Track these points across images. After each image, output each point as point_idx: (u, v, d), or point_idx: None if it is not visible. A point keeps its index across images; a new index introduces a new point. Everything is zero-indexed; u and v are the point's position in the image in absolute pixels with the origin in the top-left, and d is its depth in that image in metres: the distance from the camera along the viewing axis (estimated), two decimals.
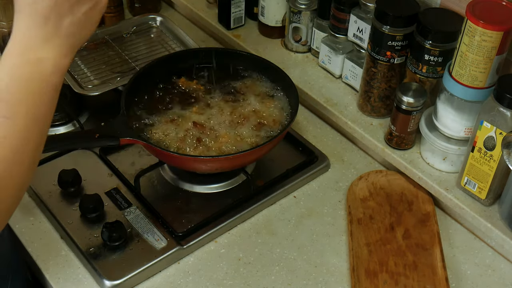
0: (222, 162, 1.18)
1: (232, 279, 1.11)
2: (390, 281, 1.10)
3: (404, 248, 1.16)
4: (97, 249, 1.12)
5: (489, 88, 1.11)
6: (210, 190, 1.25)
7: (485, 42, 1.05)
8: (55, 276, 1.10)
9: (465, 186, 1.18)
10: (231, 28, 1.59)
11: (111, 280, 1.08)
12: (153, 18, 1.59)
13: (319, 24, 1.47)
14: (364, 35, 1.33)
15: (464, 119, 1.16)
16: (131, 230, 1.15)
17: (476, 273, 1.15)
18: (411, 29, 1.22)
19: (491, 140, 1.09)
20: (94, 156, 1.30)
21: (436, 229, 1.19)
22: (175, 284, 1.11)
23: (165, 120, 1.25)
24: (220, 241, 1.18)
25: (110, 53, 1.48)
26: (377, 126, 1.34)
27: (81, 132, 1.30)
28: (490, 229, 1.15)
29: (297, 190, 1.28)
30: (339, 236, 1.20)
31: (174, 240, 1.14)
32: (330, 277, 1.13)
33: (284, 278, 1.12)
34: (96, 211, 1.16)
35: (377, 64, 1.28)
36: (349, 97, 1.41)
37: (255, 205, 1.22)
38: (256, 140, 1.22)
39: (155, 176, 1.27)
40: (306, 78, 1.46)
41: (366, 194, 1.26)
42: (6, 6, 1.41)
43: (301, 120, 1.44)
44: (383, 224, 1.20)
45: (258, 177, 1.27)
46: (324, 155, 1.33)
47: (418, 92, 1.21)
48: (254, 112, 1.28)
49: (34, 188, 1.22)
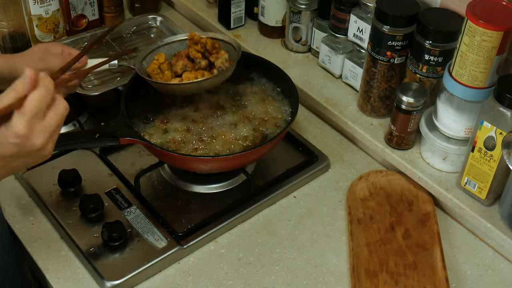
0: (222, 162, 1.18)
1: (232, 279, 1.11)
2: (390, 281, 1.10)
3: (404, 248, 1.16)
4: (97, 249, 1.12)
5: (489, 88, 1.11)
6: (210, 190, 1.25)
7: (485, 42, 1.05)
8: (55, 276, 1.10)
9: (465, 186, 1.18)
10: (231, 28, 1.59)
11: (111, 280, 1.07)
12: (153, 18, 1.59)
13: (319, 24, 1.47)
14: (364, 35, 1.33)
15: (464, 119, 1.16)
16: (131, 230, 1.15)
17: (476, 273, 1.15)
18: (411, 29, 1.22)
19: (491, 140, 1.09)
20: (94, 156, 1.30)
21: (436, 229, 1.19)
22: (175, 284, 1.11)
23: (165, 120, 1.25)
24: (220, 241, 1.18)
25: (110, 53, 1.48)
26: (377, 126, 1.34)
27: (81, 132, 1.30)
28: (490, 229, 1.15)
29: (297, 190, 1.28)
30: (339, 236, 1.20)
31: (174, 240, 1.14)
32: (330, 277, 1.13)
33: (284, 278, 1.12)
34: (96, 211, 1.16)
35: (377, 64, 1.28)
36: (349, 97, 1.41)
37: (255, 205, 1.22)
38: (256, 140, 1.22)
39: (155, 176, 1.27)
40: (306, 78, 1.46)
41: (366, 194, 1.26)
42: (6, 6, 1.41)
43: (301, 120, 1.43)
44: (383, 224, 1.20)
45: (258, 177, 1.27)
46: (324, 155, 1.33)
47: (418, 92, 1.21)
48: (254, 112, 1.28)
49: (34, 188, 1.22)
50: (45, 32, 1.54)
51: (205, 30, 1.68)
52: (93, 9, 1.59)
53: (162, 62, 1.20)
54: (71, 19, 1.57)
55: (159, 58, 1.21)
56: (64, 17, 1.56)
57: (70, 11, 1.56)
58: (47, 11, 1.51)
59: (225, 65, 1.20)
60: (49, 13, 1.52)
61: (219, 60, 1.20)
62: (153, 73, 1.19)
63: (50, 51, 1.08)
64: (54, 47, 1.10)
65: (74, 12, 1.57)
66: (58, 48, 1.09)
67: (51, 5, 1.51)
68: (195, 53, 1.20)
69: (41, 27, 1.53)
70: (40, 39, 1.55)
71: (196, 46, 1.21)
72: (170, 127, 1.23)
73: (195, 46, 1.21)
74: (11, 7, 1.43)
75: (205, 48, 1.21)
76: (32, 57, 1.07)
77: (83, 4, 1.57)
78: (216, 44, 1.22)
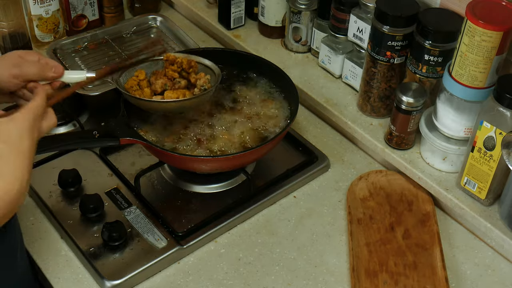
0: (222, 162, 1.18)
1: (232, 279, 1.11)
2: (390, 281, 1.10)
3: (404, 248, 1.16)
4: (97, 249, 1.12)
5: (489, 88, 1.11)
6: (210, 190, 1.25)
7: (485, 42, 1.05)
8: (55, 276, 1.10)
9: (465, 186, 1.18)
10: (231, 28, 1.59)
11: (111, 280, 1.08)
12: (153, 18, 1.59)
13: (319, 24, 1.47)
14: (364, 35, 1.33)
15: (464, 119, 1.16)
16: (131, 230, 1.15)
17: (476, 273, 1.15)
18: (411, 29, 1.22)
19: (491, 140, 1.09)
20: (94, 156, 1.30)
21: (436, 229, 1.19)
22: (175, 284, 1.11)
23: (165, 120, 1.25)
24: (220, 241, 1.18)
25: (110, 53, 1.48)
26: (377, 126, 1.34)
27: (81, 132, 1.31)
28: (490, 229, 1.15)
29: (297, 190, 1.28)
30: (339, 236, 1.20)
31: (174, 240, 1.14)
32: (330, 277, 1.13)
33: (284, 278, 1.12)
34: (96, 211, 1.16)
35: (377, 64, 1.28)
36: (349, 97, 1.41)
37: (255, 205, 1.22)
38: (256, 140, 1.22)
39: (155, 176, 1.27)
40: (306, 78, 1.46)
41: (366, 194, 1.26)
42: (6, 6, 1.41)
43: (301, 120, 1.44)
44: (383, 224, 1.20)
45: (258, 177, 1.27)
46: (324, 155, 1.33)
47: (418, 92, 1.21)
48: (254, 112, 1.28)
49: (34, 188, 1.22)
50: (45, 32, 1.54)
51: (205, 30, 1.68)
52: (93, 9, 1.59)
53: (142, 79, 1.19)
54: (71, 19, 1.57)
55: (139, 75, 1.20)
56: (64, 17, 1.56)
57: (70, 11, 1.56)
58: (47, 11, 1.51)
59: (207, 85, 1.19)
60: (49, 13, 1.52)
61: (201, 79, 1.19)
62: (131, 89, 1.18)
63: (25, 58, 1.08)
64: (30, 55, 1.09)
65: (74, 12, 1.57)
66: (34, 56, 1.08)
67: (51, 5, 1.51)
68: (172, 72, 1.20)
69: (41, 27, 1.53)
70: (40, 39, 1.55)
71: (173, 66, 1.20)
72: (170, 127, 1.23)
73: (171, 67, 1.20)
74: (11, 7, 1.43)
75: (181, 68, 1.21)
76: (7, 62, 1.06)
77: (83, 4, 1.57)
78: (192, 63, 1.21)
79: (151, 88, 1.19)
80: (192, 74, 1.21)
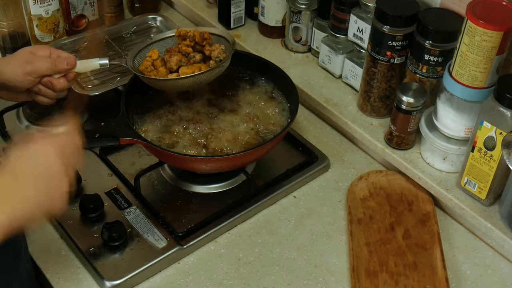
0: (222, 162, 1.18)
1: (232, 279, 1.11)
2: (390, 281, 1.10)
3: (404, 248, 1.16)
4: (97, 249, 1.12)
5: (489, 88, 1.11)
6: (210, 190, 1.25)
7: (485, 42, 1.05)
8: (55, 276, 1.10)
9: (465, 186, 1.18)
10: (231, 28, 1.59)
11: (111, 280, 1.07)
12: (153, 18, 1.59)
13: (319, 24, 1.47)
14: (364, 35, 1.33)
15: (464, 119, 1.16)
16: (131, 230, 1.15)
17: (476, 273, 1.15)
18: (411, 29, 1.22)
19: (491, 140, 1.09)
20: (94, 156, 1.30)
21: (436, 229, 1.19)
22: (175, 284, 1.11)
23: (165, 119, 1.25)
24: (220, 241, 1.18)
25: (110, 53, 1.48)
26: (377, 126, 1.34)
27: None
28: (490, 229, 1.15)
29: (297, 190, 1.28)
30: (339, 236, 1.20)
31: (174, 240, 1.14)
32: (330, 277, 1.13)
33: (284, 278, 1.12)
34: (96, 211, 1.16)
35: (377, 64, 1.28)
36: (349, 97, 1.41)
37: (255, 205, 1.22)
38: (256, 140, 1.22)
39: (155, 176, 1.27)
40: (306, 78, 1.46)
41: (366, 194, 1.26)
42: (6, 6, 1.41)
43: (301, 120, 1.44)
44: (383, 224, 1.20)
45: (258, 177, 1.27)
46: (324, 155, 1.33)
47: (418, 92, 1.21)
48: (254, 112, 1.28)
49: None
50: (45, 32, 1.54)
51: None
52: (93, 9, 1.59)
53: (156, 59, 1.18)
54: (71, 19, 1.57)
55: (152, 54, 1.19)
56: (64, 17, 1.56)
57: (70, 11, 1.56)
58: (47, 11, 1.51)
59: (222, 56, 1.18)
60: (49, 13, 1.52)
61: (216, 51, 1.18)
62: (146, 71, 1.17)
63: (37, 54, 1.07)
64: (41, 49, 1.09)
65: (74, 12, 1.57)
66: (45, 50, 1.08)
67: (51, 5, 1.51)
68: (186, 48, 1.19)
69: (41, 27, 1.53)
70: (40, 39, 1.55)
71: (185, 42, 1.19)
72: (170, 127, 1.23)
73: (184, 42, 1.19)
74: (11, 7, 1.43)
75: (194, 41, 1.19)
76: (19, 60, 1.06)
77: (83, 4, 1.57)
78: (205, 35, 1.19)
79: (166, 66, 1.17)
80: (206, 47, 1.19)
